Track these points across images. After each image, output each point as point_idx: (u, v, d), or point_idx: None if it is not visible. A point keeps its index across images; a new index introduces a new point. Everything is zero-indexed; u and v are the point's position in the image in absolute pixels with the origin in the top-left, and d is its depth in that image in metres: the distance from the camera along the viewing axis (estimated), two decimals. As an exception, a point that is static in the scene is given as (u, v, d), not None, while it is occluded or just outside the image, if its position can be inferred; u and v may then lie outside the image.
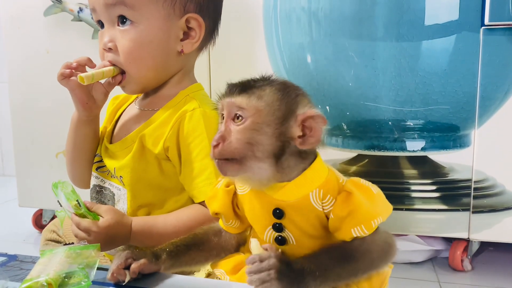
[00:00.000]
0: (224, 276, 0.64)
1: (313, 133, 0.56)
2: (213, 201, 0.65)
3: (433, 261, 1.34)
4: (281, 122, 0.56)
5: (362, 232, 0.57)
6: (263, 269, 0.52)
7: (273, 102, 0.56)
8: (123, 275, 0.59)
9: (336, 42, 1.17)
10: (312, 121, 0.56)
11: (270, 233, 0.61)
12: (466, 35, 1.10)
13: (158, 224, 0.79)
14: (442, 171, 1.19)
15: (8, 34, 1.45)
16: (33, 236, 1.59)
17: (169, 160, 0.82)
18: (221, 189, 0.64)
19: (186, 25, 0.82)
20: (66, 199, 0.73)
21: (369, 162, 1.22)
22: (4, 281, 0.60)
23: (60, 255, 0.63)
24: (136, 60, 0.81)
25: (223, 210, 0.64)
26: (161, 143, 0.80)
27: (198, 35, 0.83)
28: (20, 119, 1.50)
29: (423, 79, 1.14)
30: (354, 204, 0.57)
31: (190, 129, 0.80)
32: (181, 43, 0.83)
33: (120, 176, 0.84)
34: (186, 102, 0.83)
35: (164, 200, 0.84)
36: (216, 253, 0.67)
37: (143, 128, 0.83)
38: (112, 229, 0.75)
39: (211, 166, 0.78)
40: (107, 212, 0.76)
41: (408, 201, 1.21)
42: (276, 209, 0.59)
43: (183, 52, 0.83)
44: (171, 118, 0.81)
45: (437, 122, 1.16)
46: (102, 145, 0.90)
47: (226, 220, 0.65)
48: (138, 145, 0.82)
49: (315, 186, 0.58)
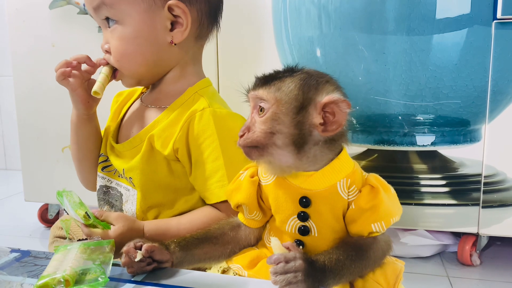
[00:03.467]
0: (242, 271, 0.64)
1: (335, 118, 0.56)
2: (236, 193, 0.65)
3: (442, 256, 1.34)
4: (298, 111, 0.56)
5: (380, 228, 0.58)
6: (289, 270, 0.52)
7: (291, 91, 0.57)
8: (134, 253, 0.59)
9: (346, 36, 1.16)
10: (334, 106, 0.56)
11: (293, 223, 0.61)
12: (477, 29, 1.09)
13: (171, 228, 0.78)
14: (452, 166, 1.18)
15: (13, 27, 1.44)
16: (39, 230, 1.59)
17: (178, 161, 0.81)
18: (246, 180, 0.64)
19: (172, 13, 0.79)
20: (73, 210, 0.72)
21: (379, 156, 1.21)
22: (22, 277, 0.59)
23: (75, 251, 0.62)
24: (123, 58, 0.80)
25: (247, 201, 0.64)
26: (171, 145, 0.79)
27: (185, 23, 0.79)
28: (25, 113, 1.49)
29: (433, 73, 1.13)
30: (378, 199, 0.58)
31: (200, 130, 0.78)
32: (171, 33, 0.80)
33: (130, 178, 0.82)
34: (195, 101, 0.81)
35: (174, 200, 0.82)
36: (231, 248, 0.67)
37: (151, 128, 0.82)
38: (125, 237, 0.73)
39: (223, 167, 0.77)
40: (117, 219, 0.75)
41: (418, 196, 1.20)
42: (302, 197, 0.60)
43: (173, 43, 0.80)
44: (180, 118, 0.80)
45: (448, 117, 1.15)
46: (107, 144, 0.88)
47: (249, 211, 0.65)
48: (147, 146, 0.80)
49: (342, 176, 0.59)
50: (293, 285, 0.51)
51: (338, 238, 0.61)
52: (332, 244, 0.60)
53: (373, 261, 0.60)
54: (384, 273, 0.62)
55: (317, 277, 0.53)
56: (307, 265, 0.53)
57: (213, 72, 1.26)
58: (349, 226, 0.60)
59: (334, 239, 0.60)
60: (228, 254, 0.67)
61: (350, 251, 0.58)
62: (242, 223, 0.67)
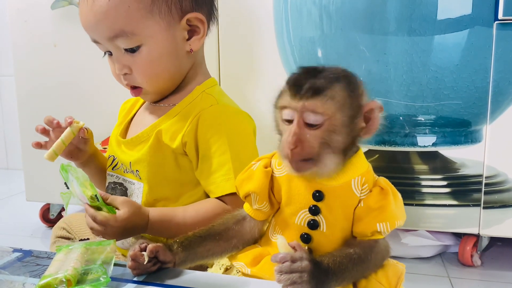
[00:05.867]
0: (245, 269, 0.64)
1: (373, 121, 0.58)
2: (247, 182, 0.64)
3: (442, 256, 1.34)
4: (353, 119, 0.57)
5: (385, 228, 0.59)
6: (295, 270, 0.52)
7: (345, 101, 0.56)
8: (141, 256, 0.59)
9: (347, 36, 1.16)
10: (373, 111, 0.58)
11: (303, 216, 0.61)
12: (479, 30, 1.10)
13: (177, 216, 0.78)
14: (453, 167, 1.18)
15: (15, 27, 1.44)
16: (41, 230, 1.59)
17: (186, 155, 0.82)
18: (259, 170, 0.63)
19: (188, 24, 0.82)
20: (80, 187, 0.71)
21: (380, 157, 1.21)
22: (24, 277, 0.59)
23: (77, 251, 0.62)
24: (153, 77, 0.82)
25: (259, 190, 0.63)
26: (179, 138, 0.80)
27: (202, 30, 0.83)
28: (27, 112, 1.49)
29: (435, 74, 1.14)
30: (387, 201, 0.58)
31: (209, 125, 0.80)
32: (188, 42, 0.82)
33: (137, 170, 0.83)
34: (203, 99, 0.83)
35: (180, 194, 0.83)
36: (235, 242, 0.67)
37: (160, 123, 0.83)
38: (130, 222, 0.74)
39: (229, 162, 0.78)
40: (123, 204, 0.74)
41: (419, 197, 1.20)
42: (316, 191, 0.60)
43: (192, 51, 0.83)
44: (189, 114, 0.81)
45: (449, 117, 1.16)
46: (114, 142, 0.89)
47: (259, 201, 0.64)
48: (154, 140, 0.82)
49: (358, 174, 0.60)
50: (298, 285, 0.51)
51: (343, 237, 0.61)
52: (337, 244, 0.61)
53: (374, 265, 0.61)
54: (385, 274, 0.63)
55: (321, 279, 0.53)
56: (312, 266, 0.53)
57: (214, 72, 1.26)
58: (355, 224, 0.61)
59: (340, 238, 0.61)
60: (231, 249, 0.67)
61: (352, 254, 0.58)
62: (247, 215, 0.67)
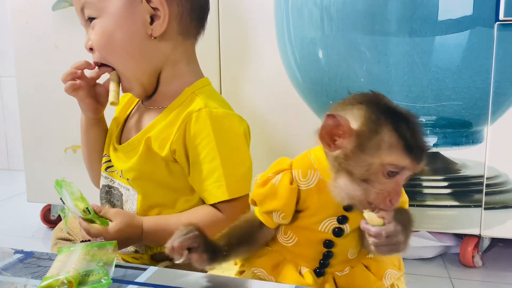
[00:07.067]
0: (266, 277, 0.64)
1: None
2: (271, 199, 0.63)
3: (443, 257, 1.34)
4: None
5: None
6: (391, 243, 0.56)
7: None
8: (180, 255, 0.58)
9: (348, 37, 1.16)
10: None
11: (328, 224, 0.63)
12: (480, 31, 1.09)
13: (171, 224, 0.78)
14: (454, 167, 1.18)
15: (16, 28, 1.44)
16: (42, 231, 1.59)
17: (176, 162, 0.81)
18: (285, 187, 0.62)
19: (151, 6, 0.80)
20: (72, 202, 0.72)
21: (381, 158, 1.21)
22: (25, 278, 0.59)
23: (78, 252, 0.63)
24: (109, 51, 0.81)
25: (285, 208, 0.63)
26: (168, 146, 0.79)
27: (163, 14, 0.79)
28: (28, 113, 1.49)
29: (436, 74, 1.13)
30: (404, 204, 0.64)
31: (196, 131, 0.78)
32: (151, 27, 0.80)
33: (127, 179, 0.83)
34: (192, 101, 0.81)
35: (175, 200, 0.83)
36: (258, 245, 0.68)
37: (148, 130, 0.82)
38: (123, 233, 0.74)
39: (220, 168, 0.77)
40: (116, 215, 0.75)
41: (420, 197, 1.20)
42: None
43: (152, 36, 0.80)
44: (177, 119, 0.80)
45: (450, 118, 1.15)
46: (111, 145, 0.89)
47: (284, 217, 0.64)
48: (144, 148, 0.81)
49: None
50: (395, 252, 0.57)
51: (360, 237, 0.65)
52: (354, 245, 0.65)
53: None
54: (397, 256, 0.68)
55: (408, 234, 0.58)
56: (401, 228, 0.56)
57: (214, 72, 1.26)
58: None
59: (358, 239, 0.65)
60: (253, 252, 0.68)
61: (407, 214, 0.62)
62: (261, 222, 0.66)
